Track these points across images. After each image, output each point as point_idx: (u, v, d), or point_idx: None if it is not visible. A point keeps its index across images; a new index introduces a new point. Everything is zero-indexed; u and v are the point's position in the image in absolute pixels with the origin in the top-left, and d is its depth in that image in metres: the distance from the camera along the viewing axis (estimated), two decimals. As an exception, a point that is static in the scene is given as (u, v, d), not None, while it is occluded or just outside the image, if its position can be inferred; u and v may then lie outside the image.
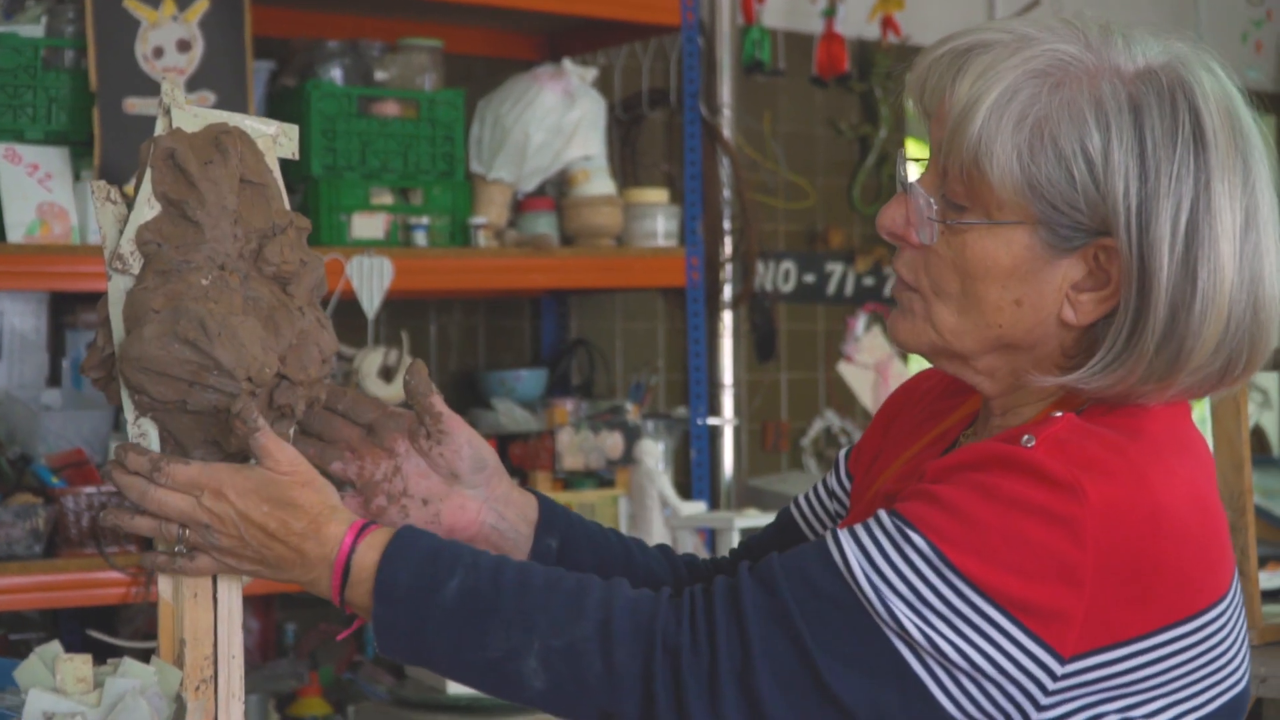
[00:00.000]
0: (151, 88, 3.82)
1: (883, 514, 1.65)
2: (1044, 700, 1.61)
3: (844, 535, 1.64)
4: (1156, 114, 1.65)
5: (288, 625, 4.53)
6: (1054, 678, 1.60)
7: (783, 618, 1.63)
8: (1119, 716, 1.64)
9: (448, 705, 4.02)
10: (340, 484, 1.87)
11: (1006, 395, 1.78)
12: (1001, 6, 5.92)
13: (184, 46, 3.88)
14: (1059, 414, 1.68)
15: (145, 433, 1.75)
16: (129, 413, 1.75)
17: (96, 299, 3.95)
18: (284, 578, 1.75)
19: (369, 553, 1.71)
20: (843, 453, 2.08)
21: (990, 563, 1.59)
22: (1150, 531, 1.61)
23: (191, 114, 1.78)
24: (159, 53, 3.86)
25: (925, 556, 1.60)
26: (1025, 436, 1.63)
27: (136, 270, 1.74)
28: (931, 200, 1.71)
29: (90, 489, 3.79)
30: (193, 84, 3.84)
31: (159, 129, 1.77)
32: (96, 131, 3.78)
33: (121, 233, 1.74)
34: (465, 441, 1.93)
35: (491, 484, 1.95)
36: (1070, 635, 1.59)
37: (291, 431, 1.82)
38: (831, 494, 2.06)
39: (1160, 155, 1.64)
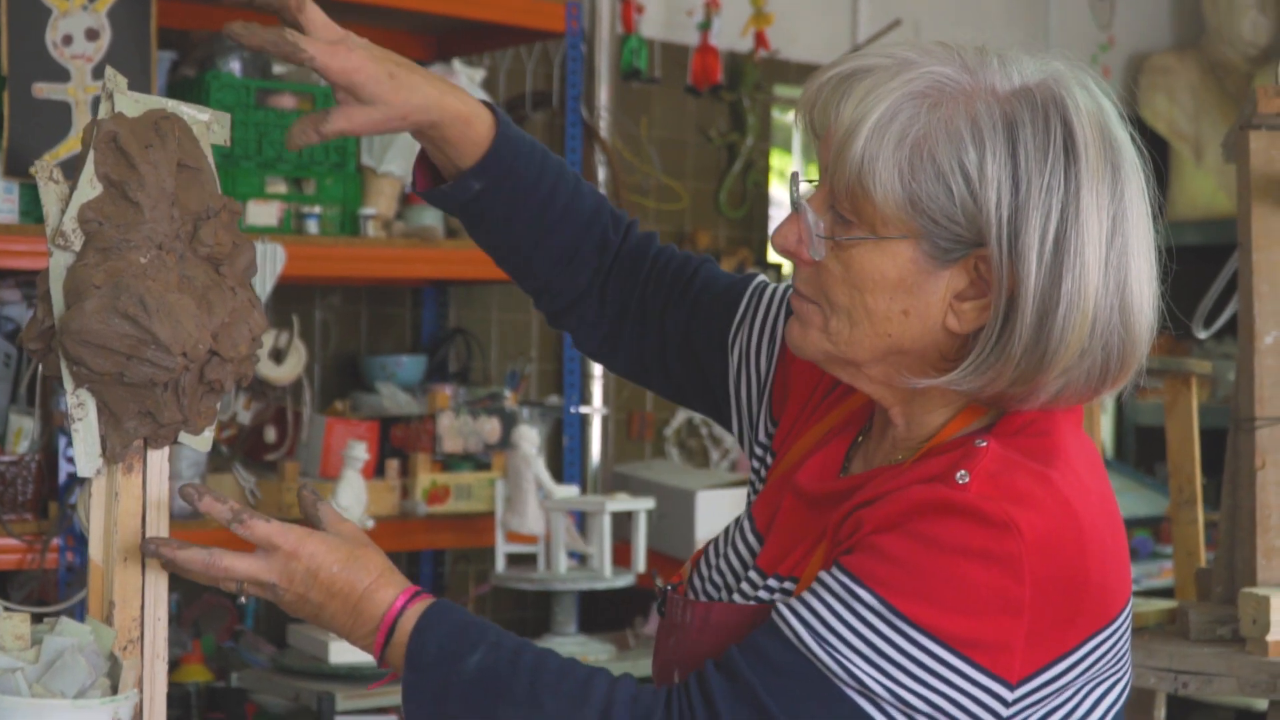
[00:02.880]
0: (60, 73, 3.89)
1: (827, 575, 1.70)
2: None
3: (791, 609, 1.71)
4: (1030, 130, 1.69)
5: (171, 595, 4.60)
6: (1006, 704, 1.68)
7: (750, 699, 1.69)
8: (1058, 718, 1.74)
9: (328, 674, 4.08)
10: None
11: (905, 405, 1.83)
12: (864, 26, 6.05)
13: (92, 35, 3.93)
14: (984, 442, 1.73)
15: (83, 403, 1.78)
16: (67, 384, 1.78)
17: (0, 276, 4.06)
18: (327, 628, 1.82)
19: (411, 619, 1.78)
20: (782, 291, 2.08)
21: (937, 606, 1.65)
22: (1077, 553, 1.69)
23: (133, 99, 1.83)
24: (68, 40, 3.90)
25: (875, 610, 1.66)
26: (960, 473, 1.69)
27: (78, 247, 1.78)
28: (819, 218, 1.75)
29: (-13, 458, 3.90)
30: (99, 72, 3.86)
31: (102, 112, 1.82)
32: (5, 113, 3.83)
33: (64, 211, 1.78)
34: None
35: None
36: (1015, 662, 1.67)
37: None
38: (767, 319, 2.06)
39: (1032, 168, 1.68)
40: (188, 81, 4.29)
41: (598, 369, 5.14)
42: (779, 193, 6.17)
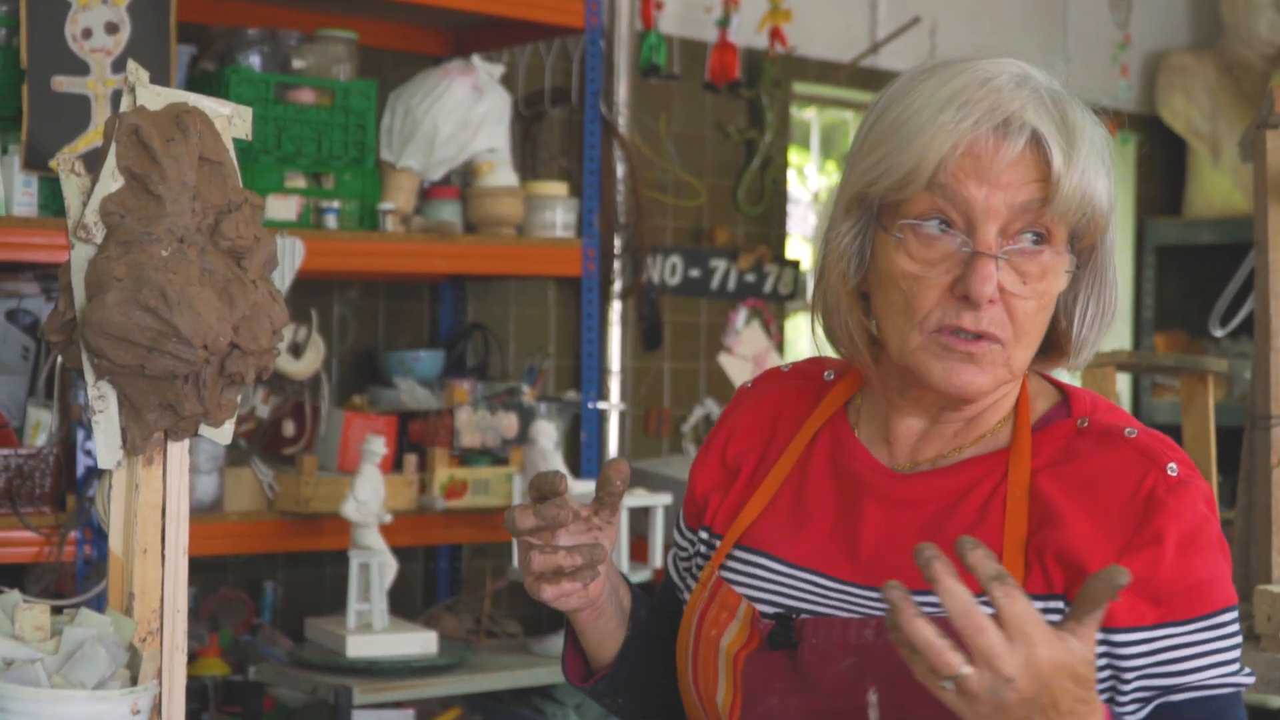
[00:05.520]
0: (79, 67, 3.91)
1: (1178, 633, 1.76)
2: None
3: (1194, 683, 1.75)
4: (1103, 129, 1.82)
5: (189, 588, 4.61)
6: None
7: None
8: None
9: (346, 668, 4.09)
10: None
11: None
12: (883, 23, 6.04)
13: (112, 29, 3.95)
14: (1134, 431, 1.81)
15: (104, 395, 1.77)
16: (88, 376, 1.77)
17: (17, 269, 4.09)
18: None
19: None
20: (680, 523, 2.09)
21: (1228, 584, 1.79)
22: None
23: (154, 93, 1.80)
24: (88, 34, 3.93)
25: (1229, 621, 1.78)
26: (1170, 465, 1.77)
27: (99, 240, 1.76)
28: (1071, 257, 1.82)
29: (6, 450, 3.88)
30: (119, 65, 3.89)
31: (124, 106, 1.79)
32: (25, 107, 3.85)
33: (85, 204, 1.76)
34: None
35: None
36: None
37: None
38: (690, 551, 2.07)
39: (1113, 179, 1.83)
40: (207, 76, 4.31)
41: (616, 364, 5.16)
42: (797, 189, 6.18)
